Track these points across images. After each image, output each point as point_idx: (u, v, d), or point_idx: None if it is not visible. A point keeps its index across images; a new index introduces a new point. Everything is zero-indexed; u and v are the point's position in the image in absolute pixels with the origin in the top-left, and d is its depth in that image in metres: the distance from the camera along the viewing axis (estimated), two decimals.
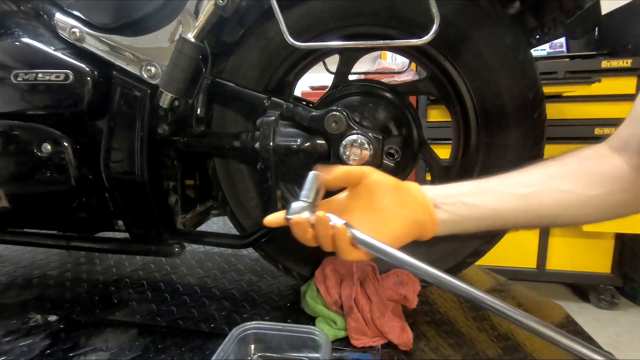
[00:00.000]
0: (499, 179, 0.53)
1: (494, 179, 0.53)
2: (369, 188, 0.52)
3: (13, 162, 0.80)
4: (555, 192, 0.51)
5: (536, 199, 0.51)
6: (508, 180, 0.52)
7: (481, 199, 0.52)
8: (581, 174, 0.50)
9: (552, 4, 0.65)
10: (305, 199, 0.51)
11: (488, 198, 0.52)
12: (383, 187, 0.52)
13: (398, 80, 1.78)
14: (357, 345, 0.68)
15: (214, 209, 0.95)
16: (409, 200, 0.51)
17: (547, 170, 0.52)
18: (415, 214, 0.51)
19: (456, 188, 0.53)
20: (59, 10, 0.74)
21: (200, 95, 0.74)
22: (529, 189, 0.51)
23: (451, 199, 0.52)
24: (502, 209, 0.52)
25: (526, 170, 0.53)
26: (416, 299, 0.73)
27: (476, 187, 0.53)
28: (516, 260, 2.09)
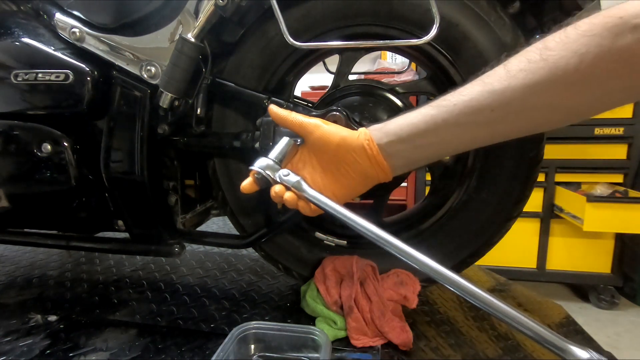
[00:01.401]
0: (452, 107, 0.46)
1: (443, 107, 0.47)
2: (320, 142, 0.53)
3: (13, 162, 0.80)
4: (525, 113, 0.43)
5: (507, 124, 0.45)
6: (472, 102, 0.45)
7: (439, 138, 0.48)
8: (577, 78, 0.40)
9: (552, 4, 0.65)
10: (271, 156, 0.56)
11: (440, 137, 0.47)
12: (332, 141, 0.52)
13: (398, 80, 1.79)
14: (357, 345, 0.68)
15: (214, 209, 0.95)
16: (358, 155, 0.51)
17: (518, 81, 0.43)
18: (365, 168, 0.51)
19: (409, 128, 0.49)
20: (59, 10, 0.74)
21: (200, 95, 0.74)
22: (498, 113, 0.44)
23: (406, 144, 0.49)
24: (462, 143, 0.48)
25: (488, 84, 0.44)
26: (416, 299, 0.73)
27: (427, 124, 0.47)
28: (516, 260, 2.09)
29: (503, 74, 0.44)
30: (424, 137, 0.48)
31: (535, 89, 0.42)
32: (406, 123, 0.49)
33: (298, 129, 0.55)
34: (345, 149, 0.51)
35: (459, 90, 0.46)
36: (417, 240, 0.79)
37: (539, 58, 0.42)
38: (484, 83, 0.44)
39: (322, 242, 0.84)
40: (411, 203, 2.23)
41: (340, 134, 0.52)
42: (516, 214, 0.73)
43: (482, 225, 0.74)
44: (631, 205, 1.75)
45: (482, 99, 0.44)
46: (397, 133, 0.49)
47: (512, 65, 0.44)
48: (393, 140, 0.50)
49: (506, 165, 0.71)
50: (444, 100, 0.47)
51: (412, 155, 0.50)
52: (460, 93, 0.46)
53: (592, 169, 1.97)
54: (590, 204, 1.75)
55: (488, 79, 0.45)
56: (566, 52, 0.40)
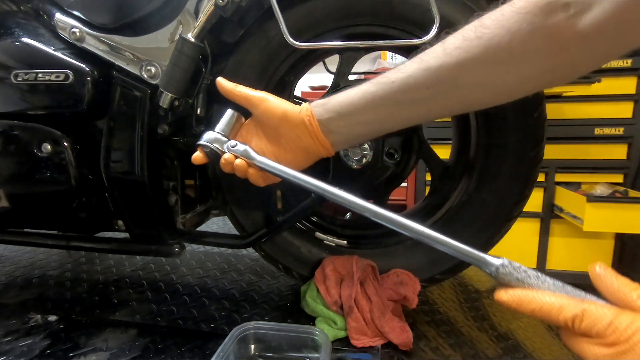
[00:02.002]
0: (389, 84, 0.46)
1: (381, 84, 0.47)
2: (264, 116, 0.55)
3: (13, 162, 0.80)
4: (457, 90, 0.44)
5: (441, 102, 0.45)
6: (409, 79, 0.45)
7: (377, 115, 0.48)
8: (507, 55, 0.40)
9: None
10: (218, 129, 0.57)
11: (376, 113, 0.48)
12: (275, 115, 0.53)
13: None
14: (357, 345, 0.68)
15: (214, 209, 0.95)
16: (300, 131, 0.52)
17: (452, 58, 0.43)
18: (306, 144, 0.52)
19: (349, 105, 0.49)
20: (59, 10, 0.74)
21: (200, 95, 0.74)
22: (433, 91, 0.44)
23: (345, 121, 0.50)
24: (401, 120, 0.49)
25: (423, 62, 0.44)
26: (416, 299, 0.73)
27: (365, 101, 0.47)
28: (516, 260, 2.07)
29: (440, 51, 0.44)
30: (362, 114, 0.48)
31: (468, 67, 0.42)
32: (346, 100, 0.49)
33: (244, 101, 0.56)
34: (287, 124, 0.53)
35: (398, 67, 0.46)
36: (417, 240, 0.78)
37: (473, 36, 0.42)
38: (421, 60, 0.45)
39: (322, 242, 0.84)
40: (411, 203, 2.23)
41: (282, 108, 0.53)
42: (516, 214, 0.73)
43: (482, 225, 0.74)
44: (631, 205, 1.75)
45: (419, 77, 0.44)
46: (337, 110, 0.50)
47: (449, 43, 0.44)
48: (333, 117, 0.50)
49: (506, 165, 0.71)
50: (383, 77, 0.47)
51: (351, 131, 0.51)
52: (399, 70, 0.46)
53: (592, 169, 1.97)
54: (590, 204, 1.75)
55: (425, 56, 0.45)
56: (500, 29, 0.40)
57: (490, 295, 0.89)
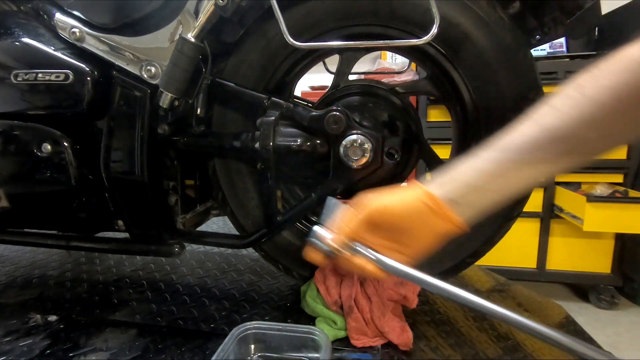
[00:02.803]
0: (515, 148, 0.45)
1: (506, 149, 0.45)
2: (381, 223, 0.49)
3: (13, 162, 0.80)
4: (583, 145, 0.43)
5: (562, 159, 0.44)
6: (525, 144, 0.45)
7: (507, 180, 0.46)
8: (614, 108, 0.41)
9: (552, 4, 0.65)
10: (326, 224, 0.52)
11: (508, 180, 0.46)
12: (393, 219, 0.49)
13: (398, 80, 1.79)
14: (357, 345, 0.68)
15: (214, 209, 0.95)
16: (426, 220, 0.47)
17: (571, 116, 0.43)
18: (436, 230, 0.48)
19: (478, 174, 0.46)
20: (59, 10, 0.74)
21: (200, 95, 0.74)
22: (558, 148, 0.44)
23: (477, 192, 0.47)
24: (530, 181, 0.46)
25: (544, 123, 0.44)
26: (416, 299, 0.73)
27: (494, 169, 0.46)
28: (516, 260, 2.09)
29: (550, 111, 0.44)
30: (493, 182, 0.46)
31: (592, 122, 0.42)
32: (472, 171, 0.47)
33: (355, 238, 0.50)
34: (409, 220, 0.48)
35: (512, 131, 0.46)
36: None
37: (578, 94, 0.42)
38: (536, 121, 0.45)
39: None
40: None
41: (398, 209, 0.48)
42: (516, 214, 0.73)
43: (482, 225, 0.74)
44: (631, 205, 1.75)
45: (539, 137, 0.44)
46: (465, 182, 0.47)
47: (562, 101, 0.44)
48: (462, 192, 0.47)
49: None
50: (502, 141, 0.46)
51: (484, 201, 0.48)
52: (519, 133, 0.46)
53: (592, 169, 1.97)
54: (590, 204, 1.75)
55: (537, 116, 0.45)
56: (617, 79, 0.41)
57: (491, 295, 0.89)
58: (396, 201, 0.48)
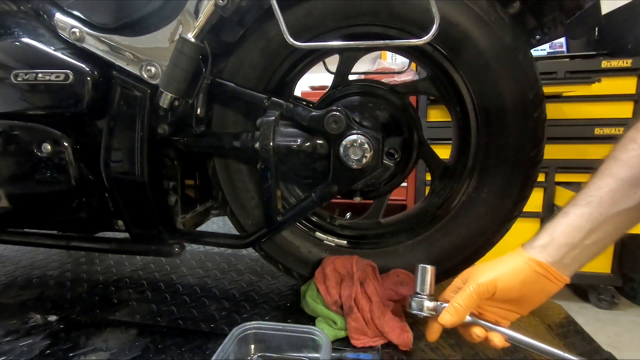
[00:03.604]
0: (598, 201, 0.49)
1: (590, 203, 0.49)
2: (498, 291, 0.52)
3: (13, 162, 0.80)
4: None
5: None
6: (603, 197, 0.49)
7: (603, 232, 0.50)
8: None
9: (552, 4, 0.65)
10: (426, 293, 0.57)
11: (600, 233, 0.50)
12: (512, 293, 0.52)
13: (398, 80, 1.79)
14: (357, 345, 0.68)
15: (214, 209, 0.95)
16: (540, 285, 0.51)
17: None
18: (549, 290, 0.52)
19: (576, 232, 0.50)
20: (59, 10, 0.74)
21: (200, 95, 0.74)
22: (633, 200, 0.48)
23: (578, 249, 0.50)
24: (618, 232, 0.51)
25: (617, 175, 0.49)
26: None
27: (585, 224, 0.50)
28: None
29: (618, 164, 0.49)
30: (591, 236, 0.49)
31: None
32: (571, 229, 0.50)
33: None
34: (524, 289, 0.51)
35: (592, 186, 0.50)
36: (417, 240, 0.79)
37: (636, 145, 0.48)
38: (609, 174, 0.49)
39: (322, 242, 0.84)
40: (411, 203, 2.23)
41: (516, 284, 0.51)
42: (516, 214, 0.73)
43: (482, 225, 0.74)
44: None
45: (616, 188, 0.48)
46: (568, 243, 0.50)
47: (620, 155, 0.49)
48: (565, 252, 0.50)
49: (506, 165, 0.71)
50: (587, 196, 0.50)
51: (585, 255, 0.51)
52: (598, 187, 0.49)
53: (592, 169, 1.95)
54: None
55: (608, 170, 0.49)
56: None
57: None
58: (508, 274, 0.51)
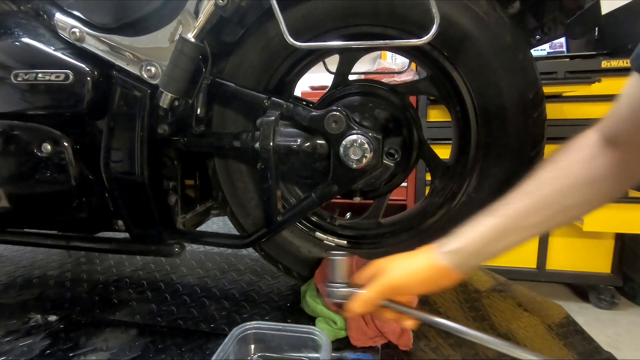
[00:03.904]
0: (511, 215, 0.54)
1: (504, 216, 0.54)
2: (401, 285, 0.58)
3: (13, 162, 0.80)
4: (564, 211, 0.53)
5: (548, 223, 0.54)
6: (514, 213, 0.54)
7: (498, 245, 0.55)
8: (582, 181, 0.52)
9: (552, 4, 0.65)
10: (341, 281, 0.61)
11: (504, 242, 0.55)
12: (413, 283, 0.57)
13: (398, 80, 1.79)
14: (357, 345, 0.68)
15: (214, 209, 0.95)
16: (436, 282, 0.57)
17: (553, 187, 0.53)
18: (443, 286, 0.57)
19: (484, 241, 0.55)
20: (59, 10, 0.74)
21: (200, 95, 0.74)
22: (540, 217, 0.53)
23: (481, 256, 0.55)
24: (519, 243, 0.55)
25: (533, 193, 0.54)
26: (415, 298, 0.73)
27: (494, 235, 0.55)
28: (516, 260, 2.09)
29: (539, 182, 0.54)
30: (494, 245, 0.55)
31: (568, 192, 0.52)
32: (477, 238, 0.55)
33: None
34: (423, 283, 0.57)
35: (511, 198, 0.55)
36: (417, 240, 0.78)
37: (564, 165, 0.53)
38: (528, 192, 0.54)
39: (322, 242, 0.84)
40: (411, 203, 2.23)
41: (412, 277, 0.57)
42: None
43: None
44: (631, 205, 1.75)
45: (530, 206, 0.53)
46: (472, 251, 0.55)
47: (545, 175, 0.54)
48: (469, 259, 0.56)
49: (506, 165, 0.71)
50: (500, 210, 0.55)
51: (482, 260, 0.57)
52: (512, 202, 0.54)
53: None
54: None
55: (530, 187, 0.54)
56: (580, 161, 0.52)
57: (490, 295, 0.89)
58: (415, 274, 0.57)
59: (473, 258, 0.56)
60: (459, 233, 0.56)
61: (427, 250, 0.57)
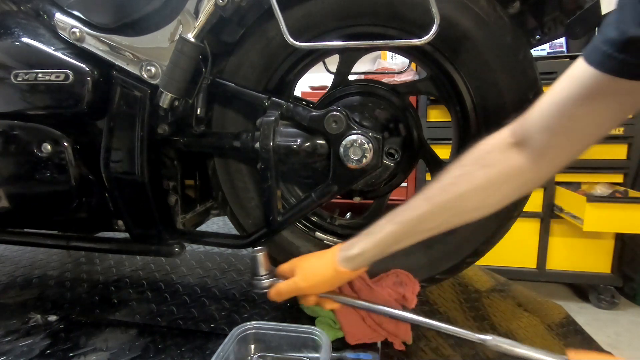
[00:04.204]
0: (410, 222, 0.58)
1: (403, 223, 0.58)
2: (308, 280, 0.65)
3: (13, 162, 0.80)
4: (461, 214, 0.57)
5: (444, 225, 0.58)
6: (412, 220, 0.58)
7: (394, 248, 0.60)
8: (484, 185, 0.54)
9: (552, 4, 0.65)
10: (264, 273, 0.69)
11: (400, 245, 0.60)
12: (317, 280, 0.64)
13: (398, 80, 1.79)
14: (351, 343, 0.68)
15: (214, 209, 0.95)
16: (334, 281, 0.64)
17: (454, 192, 0.55)
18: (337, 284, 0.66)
19: (380, 248, 0.60)
20: (59, 10, 0.74)
21: (200, 95, 0.74)
22: (441, 220, 0.57)
23: (375, 260, 0.62)
24: (414, 243, 0.61)
25: (433, 199, 0.56)
26: (415, 299, 0.73)
27: (392, 241, 0.60)
28: (516, 260, 2.09)
29: (439, 188, 0.56)
30: (389, 249, 0.61)
31: (465, 197, 0.55)
32: (380, 245, 0.60)
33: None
34: (325, 282, 0.64)
35: (410, 204, 0.58)
36: None
37: (458, 173, 0.55)
38: (427, 197, 0.57)
39: (322, 242, 0.84)
40: None
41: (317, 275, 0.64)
42: (516, 214, 0.73)
43: (482, 225, 0.74)
44: (631, 205, 1.75)
45: (428, 212, 0.57)
46: (375, 255, 0.61)
47: (444, 181, 0.56)
48: (365, 263, 0.63)
49: None
50: (398, 216, 0.59)
51: (376, 260, 0.63)
52: (412, 209, 0.58)
53: (592, 169, 1.96)
54: (590, 204, 1.75)
55: (430, 193, 0.57)
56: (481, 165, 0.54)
57: (490, 295, 0.89)
58: (316, 274, 0.64)
59: (368, 261, 0.62)
60: (360, 238, 0.61)
61: (332, 254, 0.63)
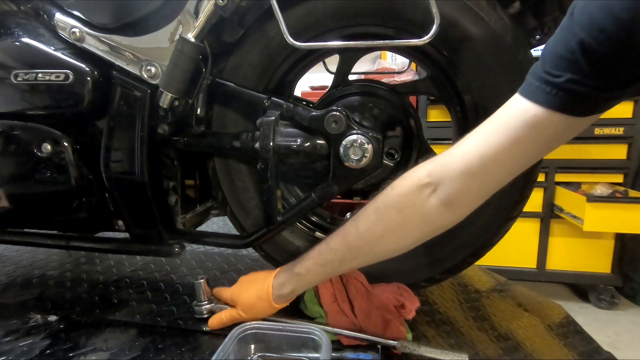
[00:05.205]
0: (332, 264, 0.64)
1: (328, 265, 0.64)
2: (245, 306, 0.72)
3: (13, 162, 0.80)
4: (376, 255, 0.62)
5: (360, 265, 0.67)
6: (334, 262, 0.63)
7: (325, 277, 0.68)
8: (399, 230, 0.58)
9: (552, 4, 0.65)
10: (204, 302, 0.76)
11: (330, 274, 0.68)
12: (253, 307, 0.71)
13: (398, 80, 1.79)
14: (345, 344, 0.67)
15: (214, 209, 0.95)
16: (264, 309, 0.70)
17: (370, 237, 0.60)
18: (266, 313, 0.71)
19: (304, 285, 0.68)
20: (59, 10, 0.74)
21: (200, 95, 0.74)
22: (354, 264, 0.66)
23: (297, 295, 0.70)
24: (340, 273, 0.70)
25: (349, 241, 0.62)
26: (414, 312, 0.73)
27: (317, 280, 0.69)
28: (516, 260, 2.09)
29: (355, 232, 0.61)
30: (313, 284, 0.70)
31: (381, 239, 0.60)
32: (304, 285, 0.69)
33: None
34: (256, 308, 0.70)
35: (330, 243, 0.64)
36: None
37: (374, 218, 0.60)
38: (347, 241, 0.62)
39: None
40: None
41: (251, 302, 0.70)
42: (516, 214, 0.73)
43: (482, 225, 0.74)
44: (631, 205, 1.75)
45: (348, 253, 0.62)
46: (297, 291, 0.69)
47: (360, 225, 0.61)
48: (293, 296, 0.70)
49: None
50: (326, 258, 0.64)
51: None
52: (334, 250, 0.63)
53: (592, 169, 1.97)
54: (590, 204, 1.75)
55: (349, 236, 0.62)
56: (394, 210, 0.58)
57: (490, 295, 0.89)
58: (252, 307, 0.70)
59: (296, 295, 0.70)
60: (290, 277, 0.68)
61: (267, 292, 0.68)
